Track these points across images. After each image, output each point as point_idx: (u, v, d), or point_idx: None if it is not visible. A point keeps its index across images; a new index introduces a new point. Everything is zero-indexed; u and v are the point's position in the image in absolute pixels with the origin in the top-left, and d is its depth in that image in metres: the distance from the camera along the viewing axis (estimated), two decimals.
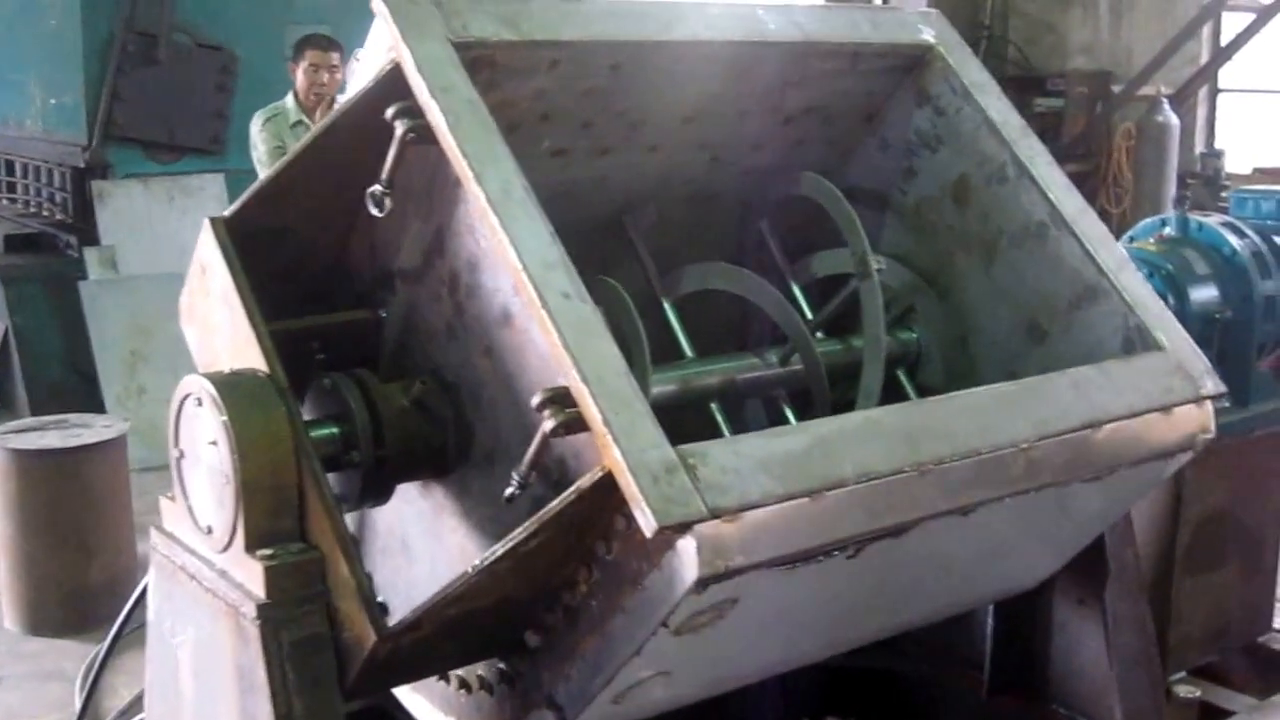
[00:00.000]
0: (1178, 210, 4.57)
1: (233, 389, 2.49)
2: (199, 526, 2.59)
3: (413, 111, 2.33)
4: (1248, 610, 4.71)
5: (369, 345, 2.76)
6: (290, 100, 6.86)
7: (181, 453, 2.63)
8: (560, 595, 2.33)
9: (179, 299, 2.87)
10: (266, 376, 2.54)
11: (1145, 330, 2.72)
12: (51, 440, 5.57)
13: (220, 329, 2.70)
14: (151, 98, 8.22)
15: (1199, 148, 12.51)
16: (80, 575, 5.58)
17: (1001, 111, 2.94)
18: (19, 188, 9.20)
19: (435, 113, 2.29)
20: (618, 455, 2.03)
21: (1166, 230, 4.54)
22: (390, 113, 2.35)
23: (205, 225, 2.69)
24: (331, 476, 2.55)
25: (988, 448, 2.37)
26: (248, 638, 2.42)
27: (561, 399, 2.11)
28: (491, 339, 2.48)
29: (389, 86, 2.39)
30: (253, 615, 2.40)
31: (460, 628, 2.40)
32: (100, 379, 7.72)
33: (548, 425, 2.12)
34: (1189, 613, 4.44)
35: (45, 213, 8.84)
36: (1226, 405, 4.21)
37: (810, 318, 3.05)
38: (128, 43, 8.12)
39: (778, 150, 3.07)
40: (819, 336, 3.05)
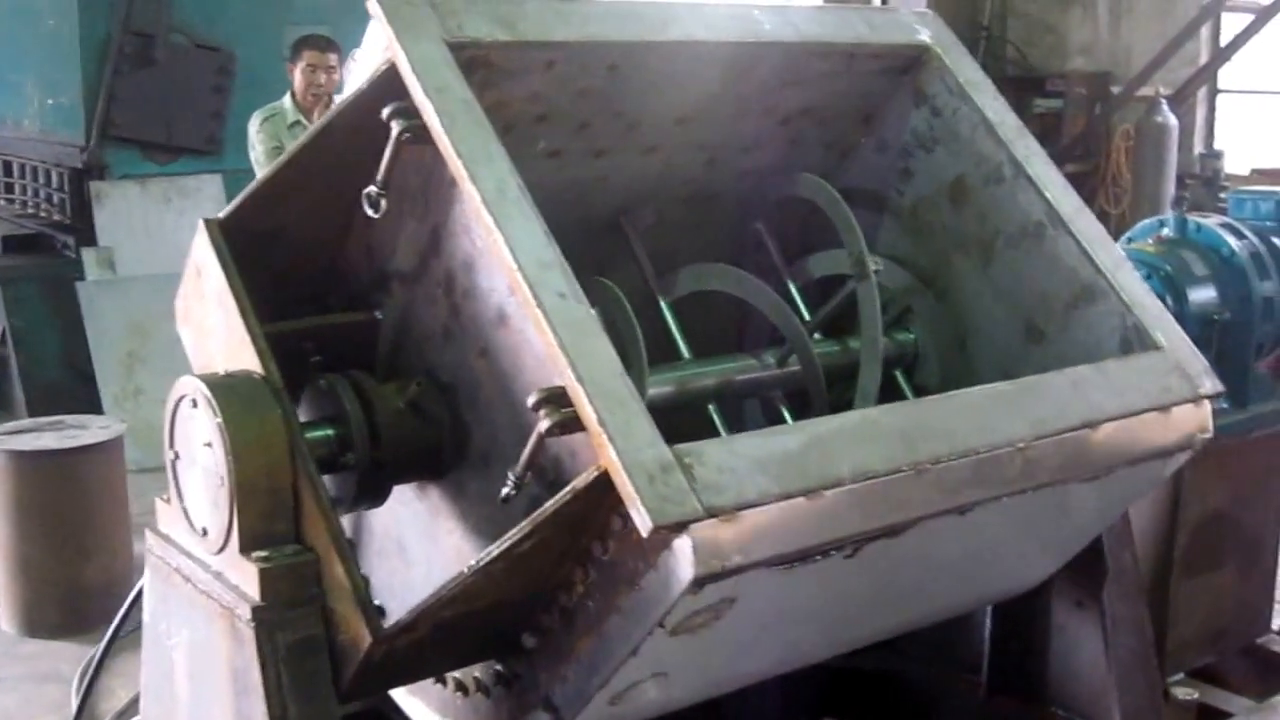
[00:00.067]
0: (1176, 211, 4.56)
1: (228, 391, 2.49)
2: (194, 528, 2.59)
3: (408, 112, 2.33)
4: (1246, 612, 4.71)
5: (365, 347, 2.76)
6: (288, 101, 6.85)
7: (176, 454, 2.63)
8: (557, 596, 2.32)
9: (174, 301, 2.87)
10: (261, 378, 2.54)
11: (1143, 330, 2.71)
12: (48, 441, 5.55)
13: (215, 331, 2.69)
14: (149, 98, 8.19)
15: (1198, 148, 12.49)
16: (77, 577, 5.56)
17: (998, 111, 2.94)
18: (16, 188, 9.17)
19: (430, 113, 2.29)
20: (613, 455, 2.03)
21: (1165, 231, 4.52)
22: (386, 113, 2.36)
23: (200, 227, 2.69)
24: (327, 478, 2.55)
25: (985, 447, 2.37)
26: (242, 640, 2.42)
27: (557, 399, 2.11)
28: (487, 339, 2.47)
29: (384, 87, 2.39)
30: (247, 617, 2.40)
31: (456, 629, 2.39)
32: (98, 380, 7.70)
33: (543, 425, 2.12)
34: (1187, 614, 4.43)
35: (43, 213, 8.81)
36: (1225, 407, 4.26)
37: (808, 319, 3.05)
38: (125, 43, 8.09)
39: (775, 151, 3.06)
40: (816, 337, 3.05)
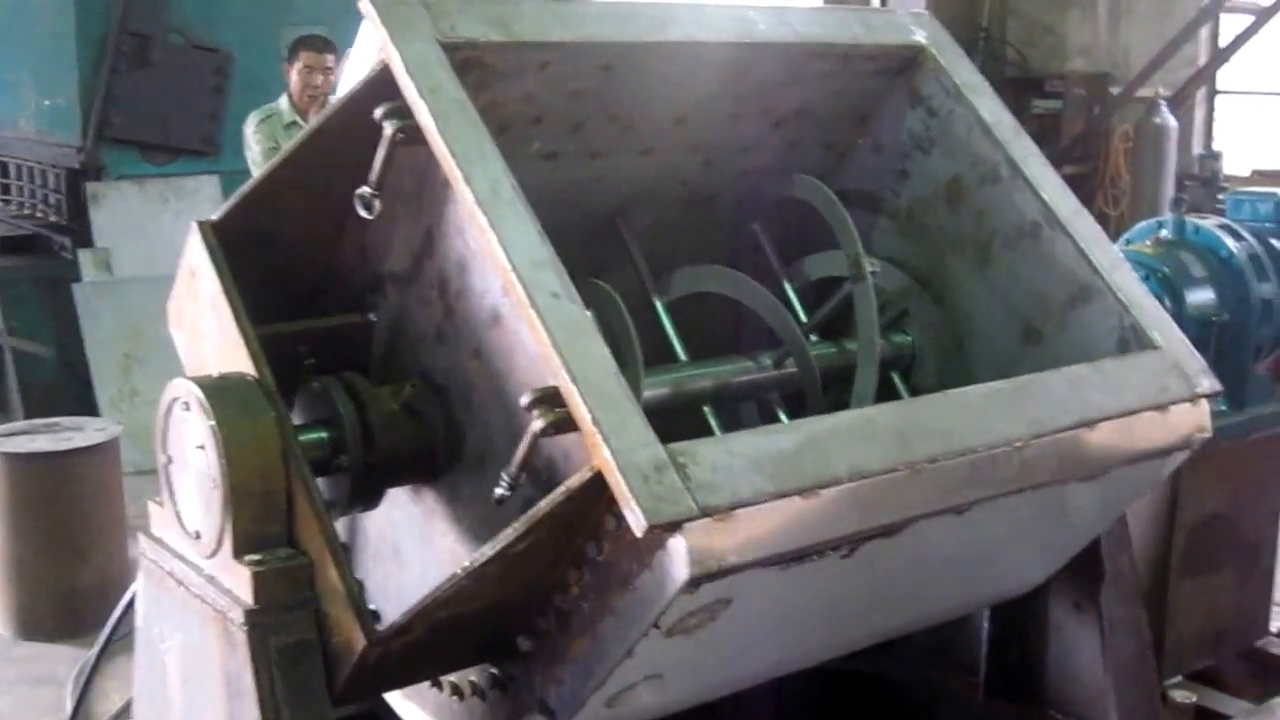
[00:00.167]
0: (1174, 213, 4.55)
1: (220, 393, 2.48)
2: (187, 532, 2.58)
3: (401, 112, 2.33)
4: (1244, 614, 4.70)
5: (359, 349, 2.75)
6: (284, 101, 6.84)
7: (170, 458, 2.61)
8: (551, 598, 2.31)
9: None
10: (255, 380, 2.53)
11: (1140, 329, 2.71)
12: (43, 444, 5.53)
13: (209, 333, 2.68)
14: (146, 99, 8.17)
15: (1197, 150, 12.49)
16: (72, 579, 5.54)
17: (994, 112, 2.93)
18: (13, 189, 9.15)
19: (424, 113, 2.28)
20: (607, 454, 2.02)
21: (1163, 233, 4.52)
22: (379, 113, 2.35)
23: (193, 229, 2.69)
24: (321, 481, 2.54)
25: (982, 446, 2.36)
26: (235, 644, 2.41)
27: (551, 399, 2.10)
28: (481, 341, 2.46)
29: (378, 87, 2.39)
30: (240, 621, 2.39)
31: (451, 632, 2.38)
32: (94, 381, 7.69)
33: (537, 425, 2.11)
34: (1185, 617, 4.43)
35: (39, 214, 8.79)
36: (1223, 409, 4.26)
37: (804, 321, 3.04)
38: (122, 44, 8.07)
39: (771, 152, 3.06)
40: (813, 339, 3.04)
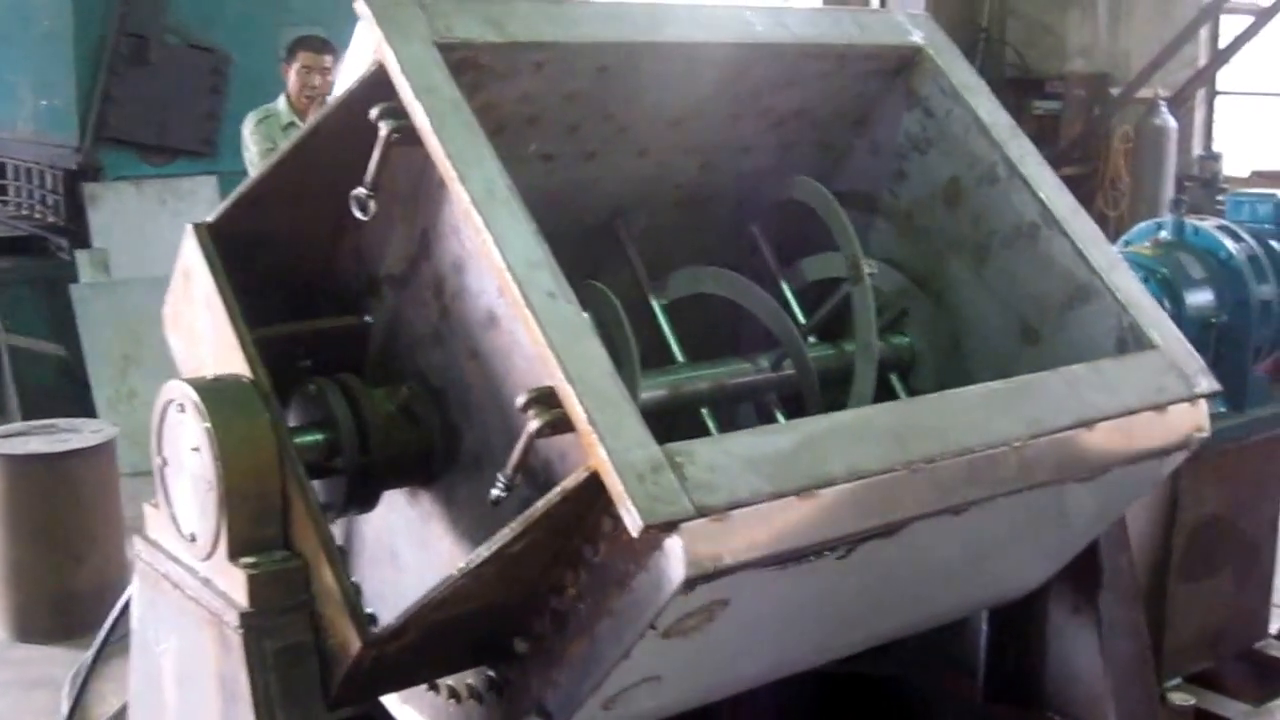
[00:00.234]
0: (1173, 214, 4.55)
1: (215, 395, 2.47)
2: (182, 534, 2.57)
3: (397, 112, 2.32)
4: (1243, 616, 4.70)
5: (355, 351, 2.74)
6: (282, 102, 6.82)
7: (165, 460, 2.61)
8: (548, 600, 2.30)
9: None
10: (250, 382, 2.52)
11: (1138, 329, 2.70)
12: (39, 445, 5.52)
13: (204, 336, 2.67)
14: (144, 99, 8.15)
15: (1197, 151, 12.48)
16: (69, 581, 5.52)
17: (991, 112, 2.93)
18: (10, 190, 9.14)
19: (419, 113, 2.28)
20: (603, 454, 2.01)
21: (1162, 234, 4.52)
22: (374, 114, 2.34)
23: (188, 231, 2.68)
24: (316, 483, 2.53)
25: (980, 446, 2.35)
26: (230, 647, 2.40)
27: (546, 399, 2.09)
28: (477, 342, 2.45)
29: (373, 88, 2.38)
30: (235, 624, 2.38)
31: (447, 634, 2.37)
32: (91, 383, 7.67)
33: (532, 425, 2.10)
34: (1184, 619, 4.42)
35: (36, 215, 8.77)
36: (1222, 410, 4.25)
37: (803, 322, 3.03)
38: (120, 44, 8.04)
39: (768, 154, 3.05)
40: (811, 341, 3.03)
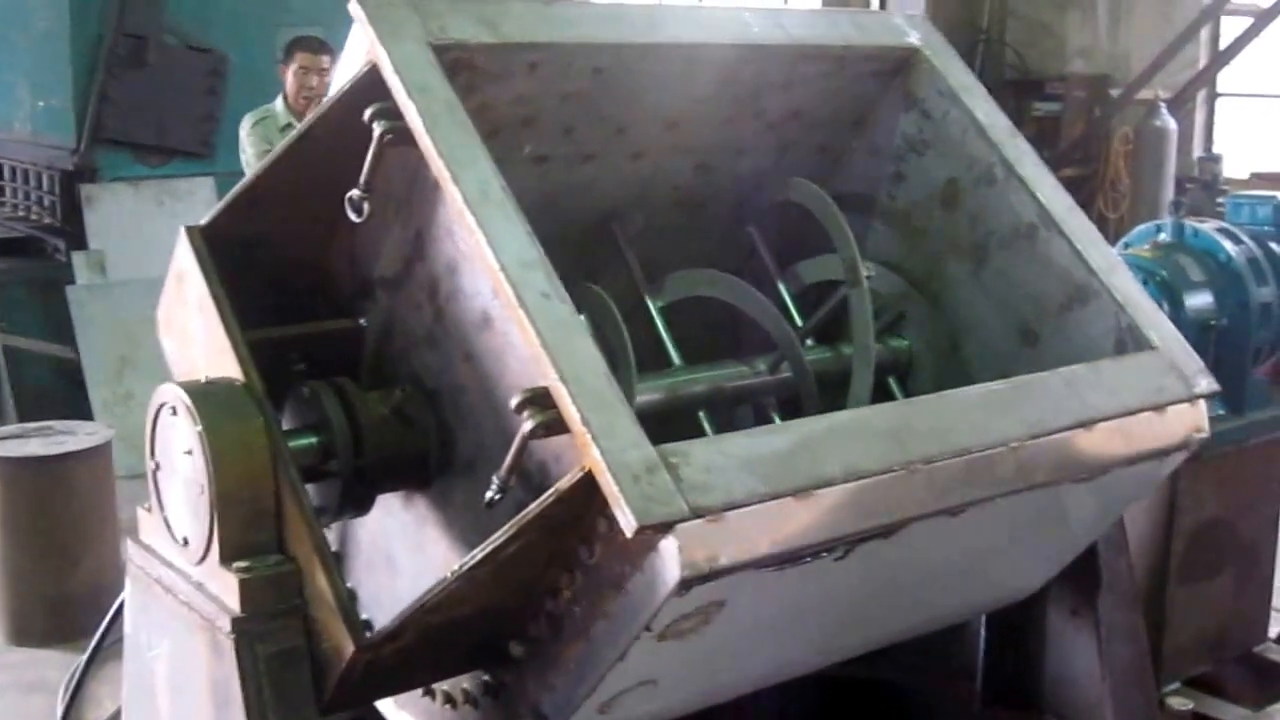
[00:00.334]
0: (1173, 216, 4.53)
1: (208, 398, 2.46)
2: (175, 538, 2.56)
3: (390, 113, 2.31)
4: (1242, 620, 4.69)
5: (350, 354, 2.73)
6: (280, 103, 6.79)
7: (158, 464, 2.60)
8: (544, 603, 2.30)
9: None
10: (243, 385, 2.52)
11: (1137, 330, 2.69)
12: (34, 448, 5.48)
13: (197, 339, 2.67)
14: (141, 100, 8.12)
15: (1197, 152, 12.45)
16: (64, 584, 5.49)
17: (988, 113, 2.92)
18: (6, 191, 9.09)
19: (412, 113, 2.27)
20: (597, 455, 2.00)
21: (1162, 236, 4.51)
22: (368, 114, 2.33)
23: (181, 234, 2.67)
24: (310, 487, 2.52)
25: (978, 446, 2.34)
26: (223, 651, 2.40)
27: (541, 400, 2.09)
28: (472, 344, 2.45)
29: (367, 89, 2.37)
30: (228, 629, 2.38)
31: (442, 637, 2.36)
32: (88, 385, 7.63)
33: (527, 426, 2.09)
34: (1183, 622, 4.41)
35: (33, 216, 8.73)
36: (1221, 413, 4.24)
37: (800, 325, 3.02)
38: (117, 45, 8.01)
39: (765, 156, 3.04)
40: (809, 344, 3.03)
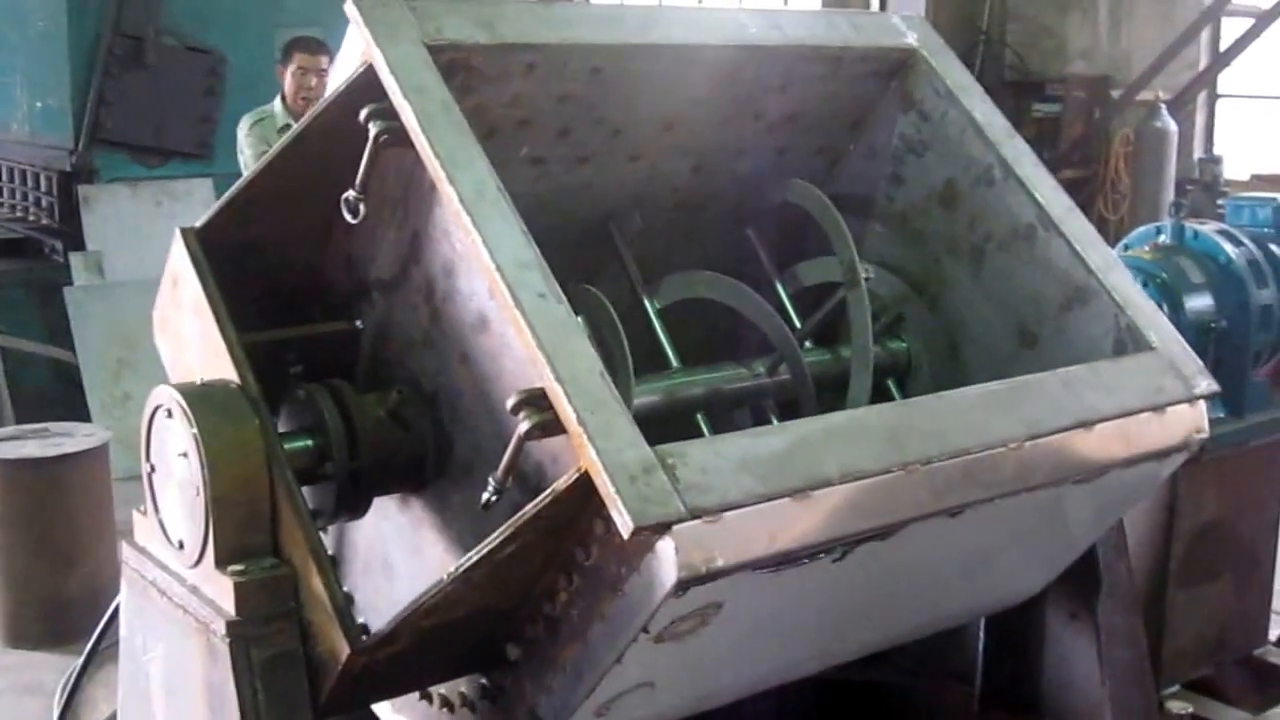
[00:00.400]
0: (1173, 218, 4.52)
1: (203, 400, 2.45)
2: (170, 541, 2.55)
3: (386, 113, 2.30)
4: (1243, 623, 4.67)
5: (346, 357, 2.72)
6: (278, 104, 6.79)
7: (153, 466, 2.60)
8: (540, 605, 2.29)
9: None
10: (238, 387, 2.51)
11: (1136, 330, 2.69)
12: (31, 449, 5.47)
13: (192, 341, 2.67)
14: (139, 101, 8.12)
15: (1197, 154, 12.45)
16: (60, 587, 5.48)
17: (986, 113, 2.92)
18: (4, 192, 9.09)
19: (408, 113, 2.26)
20: (593, 455, 1.99)
21: (1162, 238, 4.49)
22: (363, 114, 2.33)
23: (176, 236, 2.67)
24: (307, 490, 2.51)
25: (977, 447, 2.33)
26: (217, 655, 2.39)
27: (537, 400, 2.08)
28: (468, 345, 2.44)
29: (362, 90, 2.36)
30: (222, 632, 2.37)
31: (438, 640, 2.35)
32: (85, 386, 7.62)
33: (523, 427, 2.08)
34: (1183, 626, 4.40)
35: (31, 217, 8.73)
36: (1221, 416, 4.22)
37: (799, 327, 3.01)
38: (115, 45, 8.01)
39: (763, 158, 3.04)
40: (807, 346, 3.02)
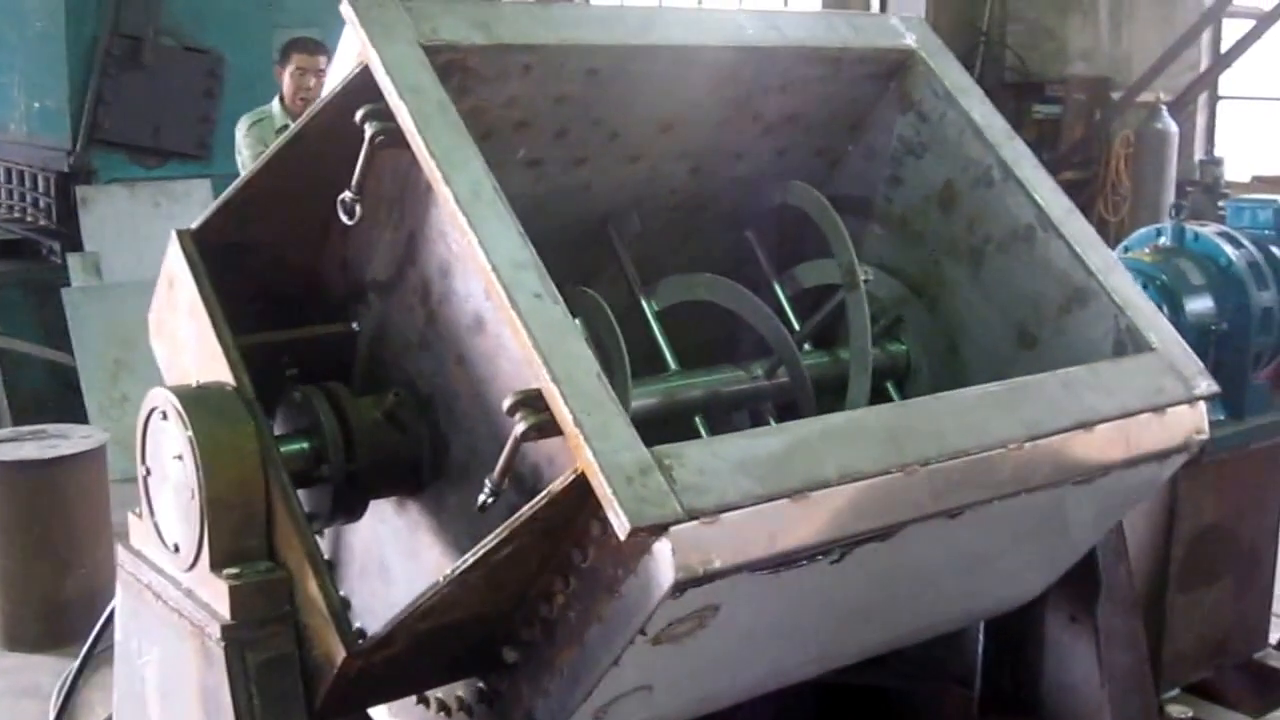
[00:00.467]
0: (1173, 220, 4.51)
1: (198, 402, 2.45)
2: (165, 544, 2.54)
3: (382, 114, 2.30)
4: (1242, 626, 4.67)
5: (342, 359, 2.71)
6: (276, 105, 6.78)
7: (148, 469, 2.59)
8: (537, 608, 2.28)
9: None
10: (233, 390, 2.50)
11: (1136, 331, 2.68)
12: (28, 451, 5.45)
13: (187, 344, 2.66)
14: (137, 101, 8.10)
15: (1198, 155, 12.42)
16: (58, 589, 5.46)
17: (985, 115, 2.91)
18: (1, 192, 9.09)
19: (404, 114, 2.25)
20: (590, 456, 1.98)
21: (1162, 240, 4.49)
22: (359, 115, 2.32)
23: (172, 238, 2.66)
24: (302, 493, 2.50)
25: (976, 448, 2.32)
26: (212, 659, 2.38)
27: (533, 401, 2.07)
28: (464, 347, 2.43)
29: (358, 90, 2.36)
30: (217, 636, 2.36)
31: (435, 643, 2.34)
32: (83, 388, 7.59)
33: (519, 428, 2.07)
34: (1183, 629, 4.39)
35: (28, 218, 8.72)
36: (1221, 419, 4.21)
37: (797, 329, 3.01)
38: (113, 46, 8.00)
39: (762, 159, 3.03)
40: (806, 348, 3.01)
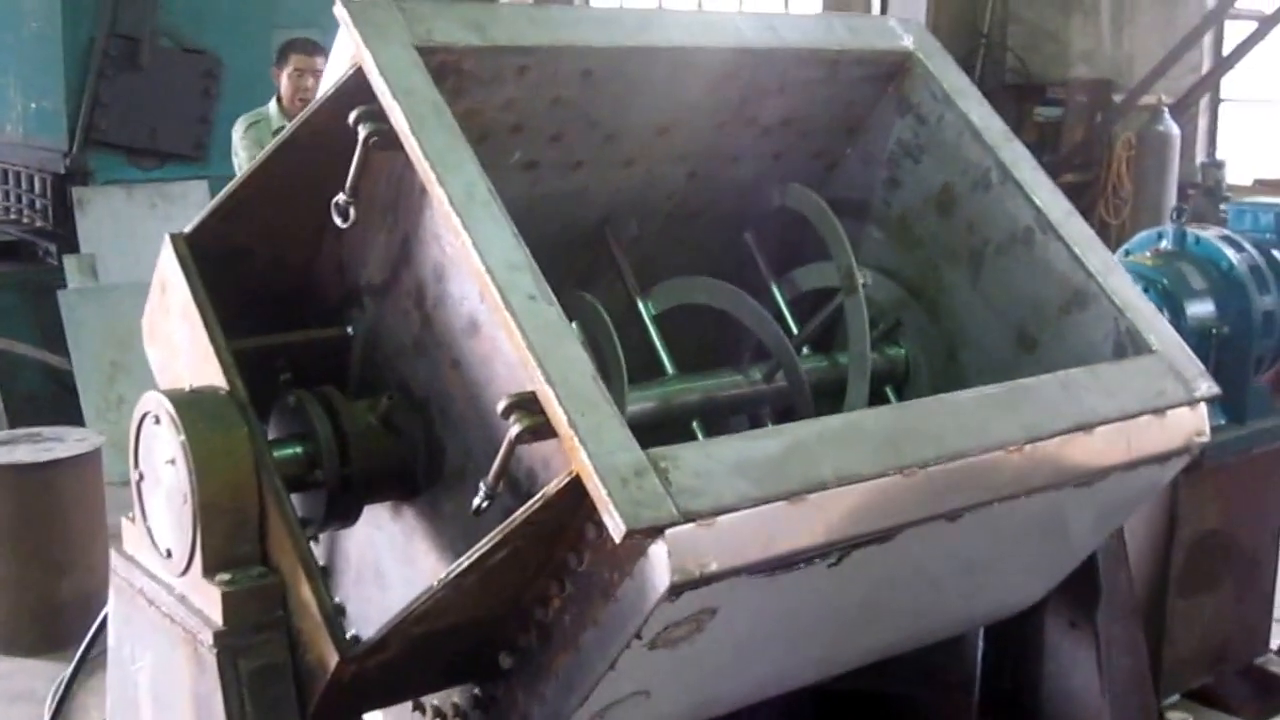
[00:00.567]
0: (1175, 223, 4.50)
1: (191, 407, 2.44)
2: (158, 549, 2.54)
3: (376, 116, 2.29)
4: (1243, 632, 4.67)
5: (337, 363, 2.71)
6: (273, 106, 6.75)
7: (142, 474, 2.58)
8: (533, 613, 2.27)
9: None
10: (227, 394, 2.49)
11: (1136, 333, 2.67)
12: (22, 454, 5.42)
13: (181, 347, 2.66)
14: (134, 103, 8.07)
15: (1200, 158, 12.40)
16: (52, 593, 5.43)
17: (983, 117, 2.90)
18: None
19: (398, 115, 2.24)
20: (584, 458, 1.97)
21: (1163, 244, 4.49)
22: (353, 117, 2.31)
23: (165, 241, 2.65)
24: (296, 498, 2.49)
25: (975, 450, 2.30)
26: (205, 666, 2.37)
27: (528, 404, 2.05)
28: (459, 350, 2.42)
29: (352, 92, 2.35)
30: (210, 642, 2.35)
31: (429, 648, 2.33)
32: (79, 390, 7.57)
33: (514, 431, 2.06)
34: (1183, 635, 4.39)
35: (25, 220, 8.68)
36: (1222, 423, 4.20)
37: (796, 333, 3.00)
38: (110, 47, 7.97)
39: (758, 163, 3.02)
40: (804, 352, 3.00)
